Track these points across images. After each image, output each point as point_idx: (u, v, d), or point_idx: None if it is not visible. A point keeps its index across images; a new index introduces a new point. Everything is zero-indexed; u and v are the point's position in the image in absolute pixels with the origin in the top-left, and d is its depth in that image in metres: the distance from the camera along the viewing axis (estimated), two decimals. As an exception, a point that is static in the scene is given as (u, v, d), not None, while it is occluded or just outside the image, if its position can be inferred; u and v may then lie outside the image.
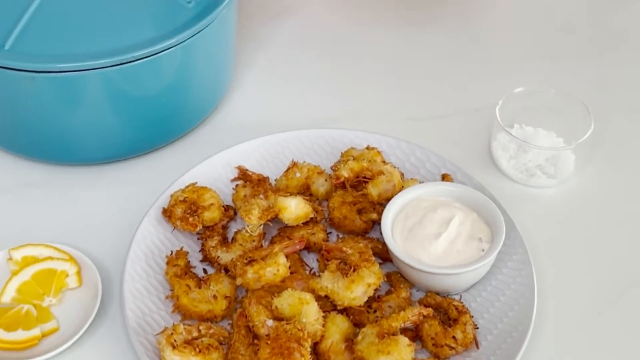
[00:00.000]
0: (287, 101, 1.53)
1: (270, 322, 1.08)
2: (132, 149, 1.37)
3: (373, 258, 1.15)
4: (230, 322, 1.15)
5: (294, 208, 1.21)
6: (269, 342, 1.04)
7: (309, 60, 1.62)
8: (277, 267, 1.13)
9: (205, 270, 1.22)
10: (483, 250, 1.16)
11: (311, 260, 1.24)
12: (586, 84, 1.56)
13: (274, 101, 1.52)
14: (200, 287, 1.15)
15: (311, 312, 1.08)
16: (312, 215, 1.23)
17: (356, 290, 1.11)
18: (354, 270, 1.13)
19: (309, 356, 1.03)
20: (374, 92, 1.55)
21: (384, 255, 1.23)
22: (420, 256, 1.15)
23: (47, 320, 1.13)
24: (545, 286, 1.21)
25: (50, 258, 1.18)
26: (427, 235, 1.17)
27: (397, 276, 1.20)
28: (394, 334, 1.08)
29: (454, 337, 1.11)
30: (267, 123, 1.45)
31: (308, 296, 1.09)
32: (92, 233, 1.27)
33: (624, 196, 1.37)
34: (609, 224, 1.32)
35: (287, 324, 1.06)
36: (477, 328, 1.14)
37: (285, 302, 1.09)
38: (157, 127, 1.36)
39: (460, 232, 1.18)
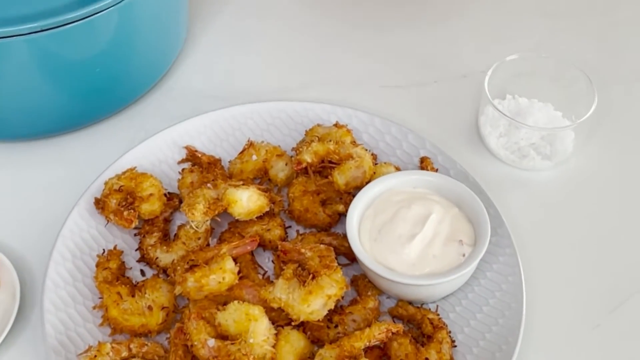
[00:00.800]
0: (246, 68, 1.34)
1: (211, 342, 0.93)
2: (65, 123, 1.20)
3: (335, 263, 0.99)
4: (167, 336, 0.99)
5: (246, 201, 1.04)
6: (208, 369, 0.88)
7: (271, 22, 1.42)
8: (222, 273, 0.97)
9: (142, 272, 1.06)
10: (464, 255, 1.00)
11: (266, 259, 1.08)
12: (586, 47, 1.37)
13: (231, 68, 1.34)
14: (133, 296, 0.99)
15: (260, 331, 0.93)
16: (267, 208, 1.06)
17: (314, 304, 0.95)
18: (313, 278, 0.97)
19: (255, 386, 0.88)
20: (344, 57, 1.36)
21: (350, 255, 1.07)
22: (390, 262, 0.99)
23: (-45, 331, 0.97)
24: (535, 293, 1.05)
25: (-39, 256, 1.02)
26: (399, 236, 1.00)
27: (364, 282, 1.04)
28: (356, 358, 0.93)
29: (427, 358, 0.95)
30: (222, 93, 1.28)
31: (257, 311, 0.94)
32: (12, 224, 1.11)
33: (630, 181, 1.19)
34: (614, 216, 1.15)
35: (231, 344, 0.92)
36: (455, 346, 0.99)
37: (231, 317, 0.94)
38: (94, 98, 1.19)
39: (438, 232, 1.01)
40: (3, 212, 1.12)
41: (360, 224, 1.03)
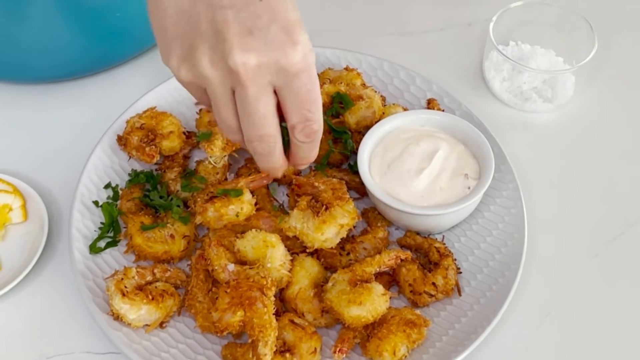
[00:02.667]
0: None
1: (231, 267, 0.98)
2: (86, 66, 1.24)
3: (347, 195, 1.04)
4: (189, 263, 1.04)
5: (262, 138, 1.08)
6: (228, 290, 0.94)
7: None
8: (240, 204, 1.03)
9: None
10: (469, 188, 1.05)
11: (281, 194, 1.13)
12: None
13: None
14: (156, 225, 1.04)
15: (277, 256, 0.98)
16: (282, 145, 1.11)
17: (328, 232, 1.01)
18: (326, 209, 1.02)
19: (273, 306, 0.93)
20: (353, 4, 1.40)
21: (360, 189, 1.12)
22: (399, 194, 1.04)
23: (-13, 260, 1.03)
24: (537, 226, 1.11)
25: (-8, 190, 1.07)
26: (408, 170, 1.05)
27: (374, 214, 1.10)
28: (367, 281, 0.98)
29: (434, 283, 1.01)
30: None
31: (274, 238, 0.99)
32: (39, 161, 1.16)
33: (629, 123, 1.24)
34: (610, 155, 1.20)
35: (250, 268, 0.97)
36: (460, 272, 1.04)
37: (249, 244, 0.99)
38: (114, 41, 1.23)
39: (445, 167, 1.06)
40: (30, 150, 1.17)
41: (370, 159, 1.08)
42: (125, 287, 0.97)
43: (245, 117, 0.82)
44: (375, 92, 1.16)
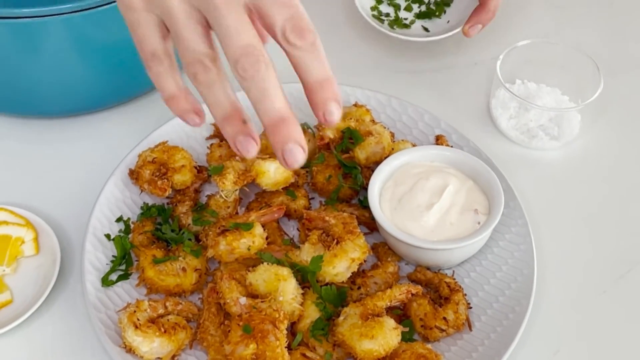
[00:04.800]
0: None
1: (243, 300, 0.98)
2: (99, 101, 1.25)
3: (358, 229, 1.05)
4: (200, 297, 1.05)
5: (274, 172, 1.10)
6: (240, 323, 0.94)
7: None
8: (252, 238, 1.03)
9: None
10: (479, 223, 1.06)
11: (291, 228, 1.13)
12: (594, 36, 1.43)
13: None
14: (168, 259, 1.05)
15: (288, 290, 0.98)
16: (292, 180, 1.12)
17: (339, 266, 1.01)
18: (337, 243, 1.03)
19: (285, 339, 0.94)
20: (362, 42, 1.42)
21: (370, 224, 1.13)
22: (410, 229, 1.05)
23: (0, 292, 1.03)
24: (546, 261, 1.11)
25: (5, 223, 1.07)
26: (418, 205, 1.06)
27: (384, 248, 1.10)
28: (378, 315, 0.99)
29: (444, 318, 1.01)
30: (248, 76, 1.33)
31: (285, 272, 1.00)
32: (52, 195, 1.16)
33: (634, 161, 1.26)
34: (616, 192, 1.21)
35: (261, 302, 0.97)
36: (471, 307, 1.05)
37: (261, 277, 0.99)
38: (126, 78, 1.24)
39: (455, 203, 1.07)
40: (43, 184, 1.18)
41: (380, 194, 1.09)
42: (138, 319, 0.97)
43: (222, 31, 0.74)
44: (385, 128, 1.17)
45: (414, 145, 1.18)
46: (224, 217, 1.09)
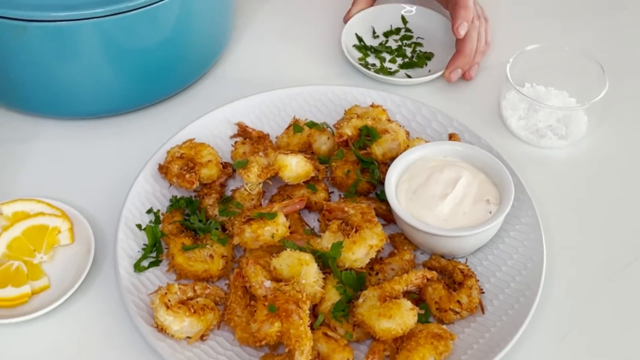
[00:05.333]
0: (289, 57, 1.47)
1: (268, 283, 1.04)
2: (128, 103, 1.32)
3: (376, 219, 1.10)
4: (227, 282, 1.11)
5: (295, 166, 1.16)
6: (266, 303, 1.00)
7: (312, 16, 1.56)
8: (276, 226, 1.09)
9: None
10: (490, 213, 1.12)
11: (312, 220, 1.19)
12: (601, 42, 1.50)
13: (276, 56, 1.47)
14: (196, 246, 1.11)
15: (310, 273, 1.04)
16: (313, 174, 1.18)
17: (358, 252, 1.07)
18: (356, 231, 1.09)
19: (308, 318, 0.99)
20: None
21: (387, 216, 1.19)
22: (425, 217, 1.11)
23: (38, 278, 1.09)
24: (554, 250, 1.17)
25: (42, 214, 1.14)
26: (433, 196, 1.12)
27: (400, 238, 1.16)
28: (396, 297, 1.04)
29: (458, 301, 1.07)
30: (269, 79, 1.41)
31: (307, 257, 1.05)
32: (85, 189, 1.22)
33: (638, 158, 1.32)
34: (622, 187, 1.27)
35: (285, 285, 1.03)
36: (483, 292, 1.10)
37: (284, 262, 1.05)
38: (154, 81, 1.31)
39: (467, 193, 1.13)
40: (76, 179, 1.24)
41: (397, 186, 1.15)
42: (169, 300, 1.03)
43: None
44: (400, 126, 1.23)
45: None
46: (248, 208, 1.15)
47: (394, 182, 1.14)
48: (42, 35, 1.17)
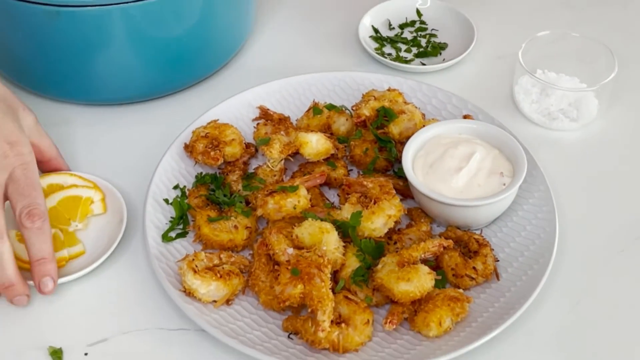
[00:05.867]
0: (309, 46, 1.53)
1: (290, 250, 1.08)
2: (154, 90, 1.38)
3: (394, 191, 1.15)
4: (250, 252, 1.15)
5: (315, 143, 1.21)
6: (289, 267, 1.04)
7: (331, 7, 1.62)
8: (297, 198, 1.14)
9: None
10: (504, 185, 1.16)
11: (332, 196, 1.24)
12: (611, 31, 1.54)
13: (296, 46, 1.53)
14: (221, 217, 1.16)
15: (331, 241, 1.08)
16: (333, 152, 1.23)
17: (376, 222, 1.11)
18: (375, 203, 1.13)
19: (329, 282, 1.03)
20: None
21: (404, 192, 1.23)
22: (441, 189, 1.15)
23: (74, 244, 1.14)
24: (566, 225, 1.21)
25: (75, 186, 1.19)
26: (448, 169, 1.17)
27: (417, 211, 1.20)
28: (414, 263, 1.08)
29: (474, 267, 1.11)
30: (289, 68, 1.45)
31: (328, 225, 1.10)
32: (115, 168, 1.27)
33: (645, 139, 1.36)
34: (632, 167, 1.31)
35: (307, 252, 1.07)
36: (498, 261, 1.14)
37: (306, 231, 1.09)
38: (179, 69, 1.37)
39: (482, 167, 1.17)
40: (106, 160, 1.29)
41: (413, 162, 1.19)
42: (196, 266, 1.07)
43: None
44: (416, 107, 1.28)
45: (443, 123, 1.28)
46: (271, 183, 1.19)
47: (410, 157, 1.19)
48: (73, 21, 1.22)
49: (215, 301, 1.08)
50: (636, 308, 1.12)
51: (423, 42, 1.52)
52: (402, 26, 1.56)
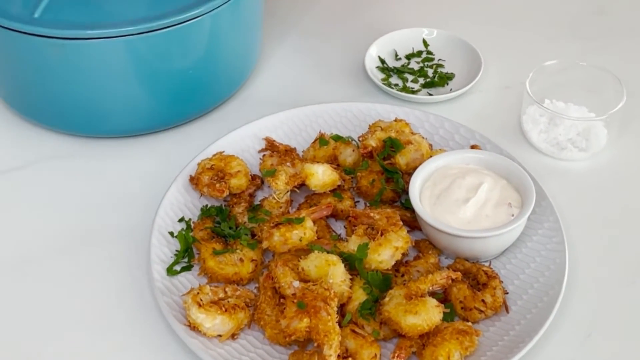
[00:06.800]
0: (315, 78, 1.52)
1: (296, 283, 1.07)
2: (160, 122, 1.37)
3: (401, 222, 1.14)
4: (256, 285, 1.14)
5: (322, 174, 1.20)
6: (295, 300, 1.03)
7: (337, 39, 1.62)
8: (304, 230, 1.12)
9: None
10: (513, 215, 1.14)
11: (338, 228, 1.23)
12: (618, 61, 1.53)
13: (302, 78, 1.52)
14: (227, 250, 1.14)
15: (338, 273, 1.07)
16: (339, 183, 1.22)
17: (383, 254, 1.10)
18: (382, 235, 1.12)
19: (336, 315, 1.02)
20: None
21: (412, 223, 1.22)
22: (448, 221, 1.14)
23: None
24: (577, 256, 1.19)
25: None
26: (456, 200, 1.15)
27: (425, 243, 1.19)
28: (422, 296, 1.07)
29: (483, 300, 1.09)
30: (295, 99, 1.45)
31: (335, 258, 1.08)
32: (120, 203, 1.27)
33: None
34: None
35: (313, 284, 1.05)
36: (507, 293, 1.12)
37: (312, 263, 1.08)
38: (185, 101, 1.37)
39: (490, 198, 1.16)
40: (111, 194, 1.29)
41: (421, 192, 1.18)
42: (201, 299, 1.06)
43: None
44: (423, 138, 1.27)
45: (450, 153, 1.27)
46: (277, 215, 1.18)
47: (417, 188, 1.18)
48: (78, 52, 1.23)
49: (220, 335, 1.06)
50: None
51: (430, 72, 1.52)
52: (408, 56, 1.55)
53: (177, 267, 1.14)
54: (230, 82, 1.43)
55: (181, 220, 1.21)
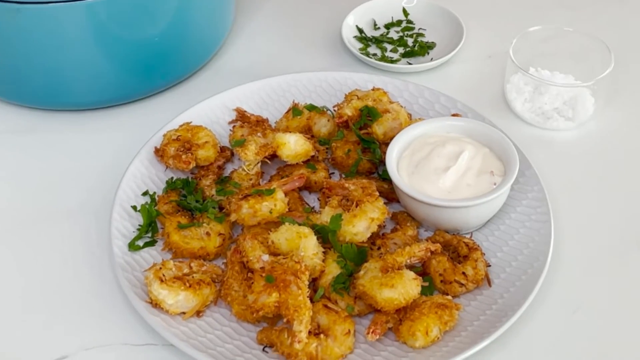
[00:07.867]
0: (290, 48, 1.46)
1: (265, 257, 1.01)
2: (125, 94, 1.31)
3: (377, 193, 1.07)
4: (224, 261, 1.07)
5: (294, 144, 1.14)
6: (263, 274, 0.96)
7: (313, 8, 1.56)
8: (274, 201, 1.06)
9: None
10: (495, 184, 1.08)
11: (312, 201, 1.17)
12: (606, 28, 1.47)
13: (277, 48, 1.46)
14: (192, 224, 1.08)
15: (310, 246, 1.01)
16: (313, 154, 1.16)
17: (358, 225, 1.04)
18: (357, 205, 1.05)
19: (307, 289, 0.96)
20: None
21: (389, 195, 1.15)
22: (427, 190, 1.08)
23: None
24: (562, 227, 1.13)
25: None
26: (435, 169, 1.09)
27: (403, 215, 1.13)
28: (399, 269, 1.00)
29: (464, 273, 1.03)
30: (269, 70, 1.38)
31: (307, 230, 1.02)
32: (82, 178, 1.21)
33: (640, 138, 1.29)
34: (629, 167, 1.24)
35: (284, 258, 0.99)
36: (489, 266, 1.06)
37: (282, 236, 1.02)
38: (151, 72, 1.30)
39: (471, 166, 1.10)
40: (72, 168, 1.23)
41: (398, 162, 1.12)
42: (164, 275, 1.00)
43: None
44: (402, 107, 1.21)
45: (430, 123, 1.21)
46: (247, 187, 1.12)
47: (395, 157, 1.11)
48: (35, 18, 1.16)
49: (184, 313, 1.00)
50: (634, 315, 1.04)
51: (410, 41, 1.45)
52: (387, 26, 1.49)
53: (140, 242, 1.08)
54: (201, 52, 1.36)
55: (145, 194, 1.14)
